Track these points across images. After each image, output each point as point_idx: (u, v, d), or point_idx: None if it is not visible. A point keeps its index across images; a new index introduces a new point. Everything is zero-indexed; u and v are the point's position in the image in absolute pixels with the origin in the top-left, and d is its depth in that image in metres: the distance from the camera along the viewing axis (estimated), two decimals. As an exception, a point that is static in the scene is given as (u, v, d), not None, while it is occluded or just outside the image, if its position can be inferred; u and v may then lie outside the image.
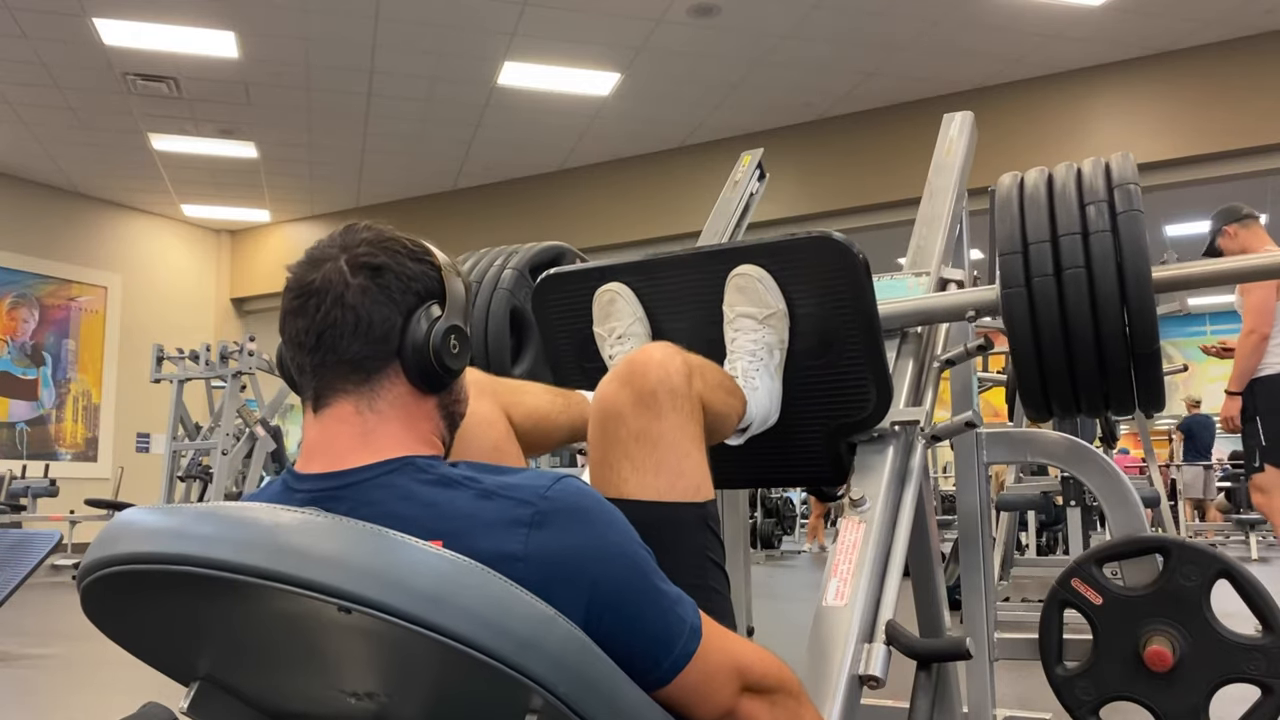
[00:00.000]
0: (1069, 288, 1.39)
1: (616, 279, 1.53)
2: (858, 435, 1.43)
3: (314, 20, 6.29)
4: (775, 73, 7.08)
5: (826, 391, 1.42)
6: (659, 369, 1.12)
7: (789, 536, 10.49)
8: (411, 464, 0.89)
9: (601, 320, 1.53)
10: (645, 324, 1.53)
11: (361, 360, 0.90)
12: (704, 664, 0.90)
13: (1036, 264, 1.42)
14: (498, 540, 0.82)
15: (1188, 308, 5.19)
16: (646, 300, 1.53)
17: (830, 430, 1.44)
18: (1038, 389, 1.50)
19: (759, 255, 1.43)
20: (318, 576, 0.70)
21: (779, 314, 1.42)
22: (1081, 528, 4.60)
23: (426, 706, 0.83)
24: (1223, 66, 6.65)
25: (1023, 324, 1.44)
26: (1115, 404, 1.49)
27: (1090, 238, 1.39)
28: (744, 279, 1.42)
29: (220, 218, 10.58)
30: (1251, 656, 1.58)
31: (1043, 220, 1.43)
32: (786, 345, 1.43)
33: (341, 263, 0.91)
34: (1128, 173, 1.43)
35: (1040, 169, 1.56)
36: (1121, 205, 1.39)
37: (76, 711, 3.06)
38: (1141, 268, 1.36)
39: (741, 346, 1.42)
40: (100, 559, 0.78)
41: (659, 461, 1.09)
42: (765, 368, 1.41)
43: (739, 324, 1.43)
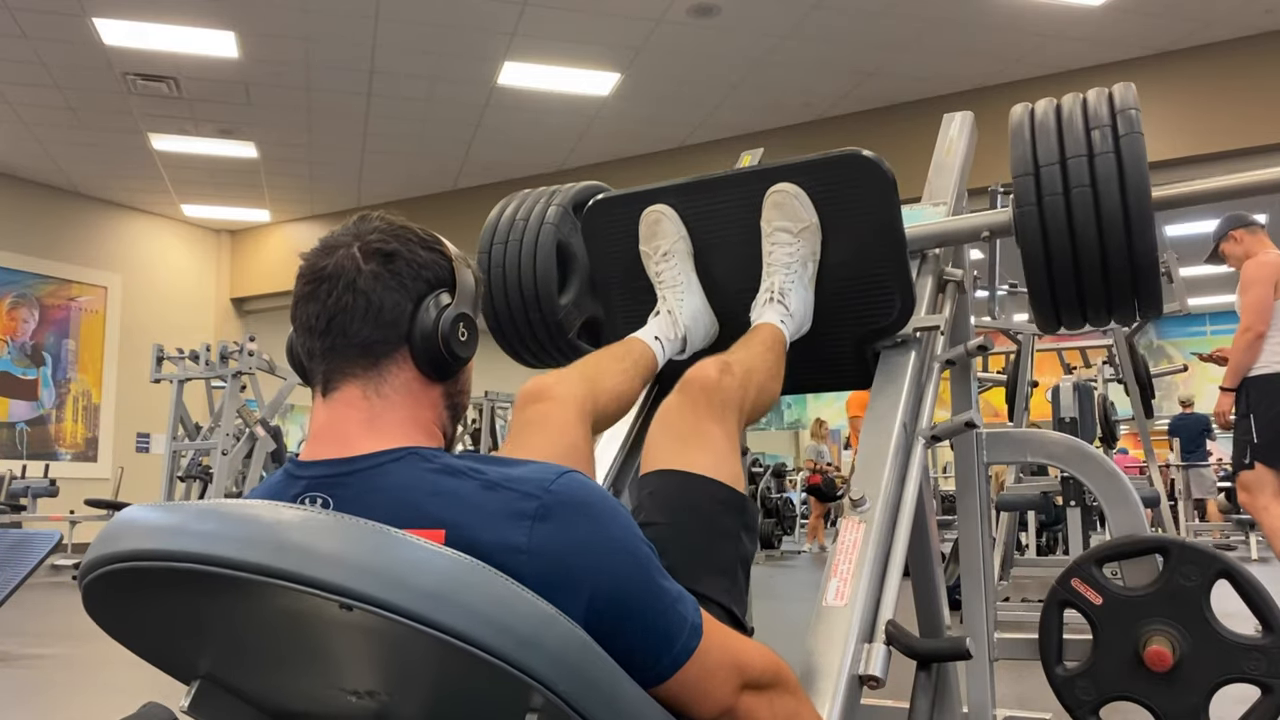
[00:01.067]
0: (1077, 206, 1.49)
1: (662, 200, 1.65)
2: (883, 341, 1.56)
3: (314, 20, 6.29)
4: (775, 73, 7.08)
5: (856, 300, 1.56)
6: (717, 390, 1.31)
7: (789, 536, 10.49)
8: (416, 453, 0.89)
9: (648, 239, 1.66)
10: (688, 242, 1.66)
11: (371, 345, 0.91)
12: (704, 661, 0.90)
13: (1047, 184, 1.51)
14: (501, 532, 0.82)
15: (1188, 308, 5.20)
16: (690, 220, 1.65)
17: (858, 337, 1.58)
18: (1048, 300, 1.59)
19: (795, 173, 1.56)
20: (319, 574, 0.70)
21: (813, 227, 1.55)
22: (1081, 528, 4.60)
23: (427, 705, 0.83)
24: (1223, 66, 6.65)
25: (1035, 239, 1.53)
26: (1118, 311, 1.58)
27: (1095, 159, 1.49)
28: (781, 195, 1.55)
29: (220, 218, 10.58)
30: (1251, 656, 1.58)
31: (1051, 144, 1.53)
32: (819, 257, 1.57)
33: (354, 249, 0.92)
34: (1129, 100, 1.53)
35: (1049, 99, 1.64)
36: (1123, 129, 1.49)
37: (76, 711, 3.06)
38: (1142, 185, 1.46)
39: (778, 259, 1.55)
40: (101, 556, 0.78)
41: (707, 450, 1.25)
42: (800, 279, 1.55)
43: (776, 238, 1.56)
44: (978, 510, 2.02)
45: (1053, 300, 1.59)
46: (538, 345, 1.91)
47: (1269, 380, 3.78)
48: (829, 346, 1.60)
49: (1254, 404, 3.79)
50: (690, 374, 1.33)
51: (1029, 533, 7.34)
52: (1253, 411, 3.79)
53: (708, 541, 1.19)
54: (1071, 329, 1.66)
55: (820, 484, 9.72)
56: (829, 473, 9.95)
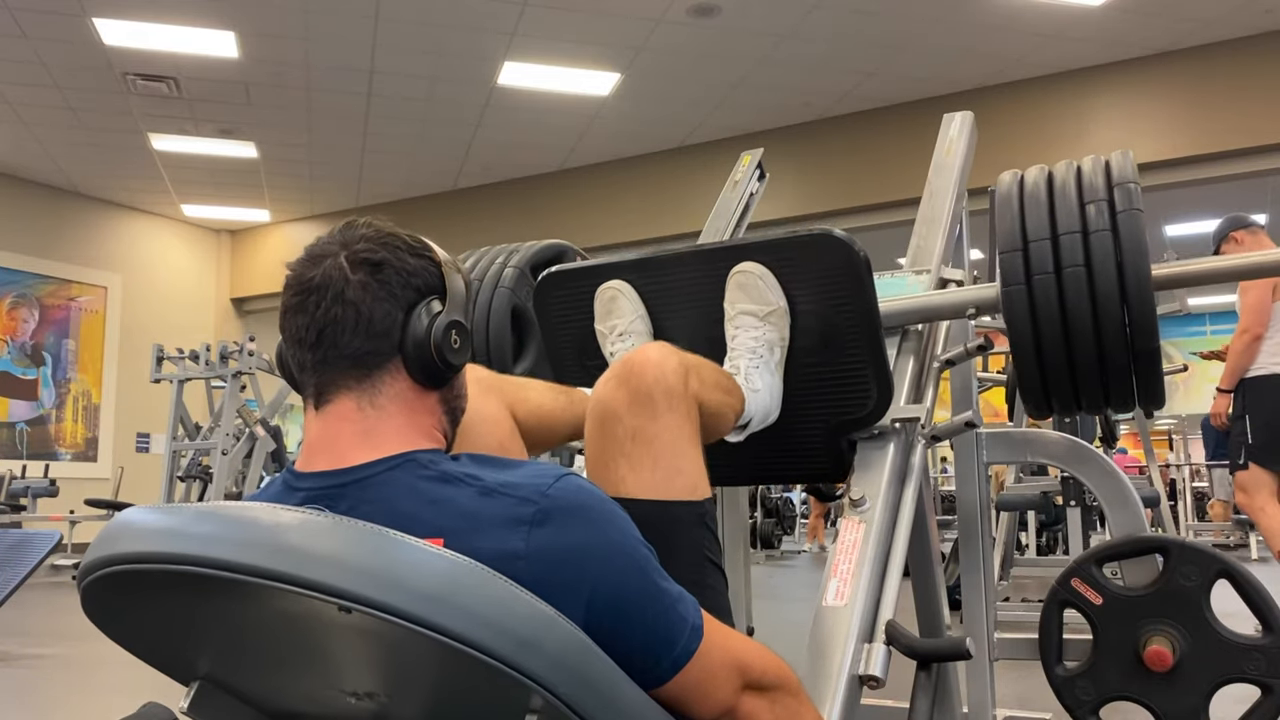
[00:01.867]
0: (1069, 286, 1.40)
1: (618, 276, 1.54)
2: (858, 432, 1.44)
3: (314, 20, 6.29)
4: (775, 73, 7.08)
5: (827, 388, 1.43)
6: (655, 368, 1.13)
7: (789, 536, 10.49)
8: (413, 460, 0.89)
9: (603, 318, 1.54)
10: (647, 321, 1.53)
11: (363, 356, 0.90)
12: (704, 662, 0.90)
13: (1037, 262, 1.42)
14: (499, 538, 0.82)
15: (1188, 308, 5.21)
16: (648, 298, 1.53)
17: (831, 427, 1.45)
18: (1038, 386, 1.50)
19: (760, 252, 1.43)
20: (318, 576, 0.70)
21: (780, 311, 1.43)
22: (1081, 528, 4.60)
23: (426, 706, 0.83)
24: (1223, 66, 6.65)
25: (1023, 321, 1.45)
26: (1115, 401, 1.50)
27: (1090, 236, 1.40)
28: (745, 276, 1.43)
29: (220, 218, 10.58)
30: (1251, 656, 1.58)
31: (1043, 218, 1.44)
32: (788, 342, 1.44)
33: (341, 259, 0.91)
34: (1127, 171, 1.44)
35: (1040, 167, 1.56)
36: (1121, 204, 1.40)
37: (76, 711, 3.06)
38: (1141, 266, 1.37)
39: (742, 344, 1.42)
40: (100, 558, 0.78)
41: (655, 460, 1.10)
42: (766, 365, 1.41)
43: (740, 321, 1.43)
44: (978, 510, 2.02)
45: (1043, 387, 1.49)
46: None
47: (1265, 381, 3.78)
48: (800, 437, 1.47)
49: (1249, 405, 3.80)
50: (627, 357, 1.17)
51: (1029, 533, 7.35)
52: (1248, 412, 3.80)
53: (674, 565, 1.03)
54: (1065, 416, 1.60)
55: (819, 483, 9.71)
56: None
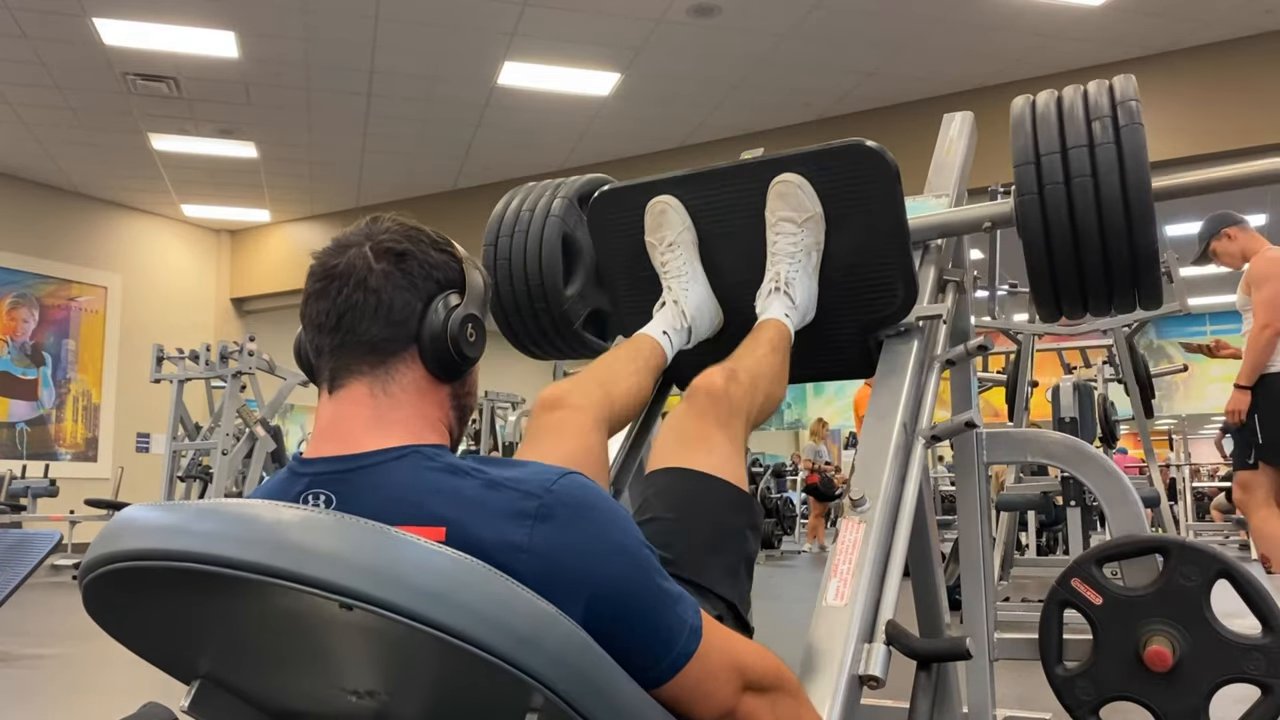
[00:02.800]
0: (1077, 195, 1.49)
1: (667, 191, 1.66)
2: (885, 330, 1.58)
3: (314, 20, 6.29)
4: (775, 73, 7.08)
5: (859, 289, 1.58)
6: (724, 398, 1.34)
7: (789, 536, 10.49)
8: (418, 451, 0.89)
9: (653, 229, 1.67)
10: (693, 232, 1.67)
11: (379, 343, 0.92)
12: (704, 663, 0.90)
13: (1048, 173, 1.51)
14: (501, 530, 0.82)
15: (1188, 308, 5.20)
16: (695, 210, 1.66)
17: (861, 325, 1.60)
18: (1049, 289, 1.60)
19: (799, 163, 1.57)
20: (319, 573, 0.70)
21: (816, 217, 1.56)
22: (1081, 528, 4.60)
23: (427, 704, 0.83)
24: (1223, 66, 6.65)
25: (1036, 228, 1.53)
26: (1119, 302, 1.59)
27: (1096, 149, 1.49)
28: (785, 185, 1.56)
29: (220, 218, 10.58)
30: (1251, 656, 1.58)
31: (1053, 134, 1.53)
32: (823, 246, 1.58)
33: (366, 248, 0.93)
34: (1129, 91, 1.53)
35: (1050, 91, 1.65)
36: (1124, 120, 1.49)
37: (76, 711, 3.06)
38: (1142, 175, 1.46)
39: (782, 249, 1.56)
40: (101, 556, 0.78)
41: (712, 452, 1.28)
42: (804, 269, 1.56)
43: (780, 228, 1.57)
44: (978, 510, 2.02)
45: (1054, 289, 1.60)
46: (543, 337, 1.92)
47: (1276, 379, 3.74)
48: (833, 335, 1.62)
49: (1259, 403, 3.76)
50: (697, 383, 1.35)
51: (1029, 533, 7.34)
52: (1258, 411, 3.76)
53: (714, 538, 1.21)
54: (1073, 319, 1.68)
55: (818, 483, 9.72)
56: (827, 471, 9.95)
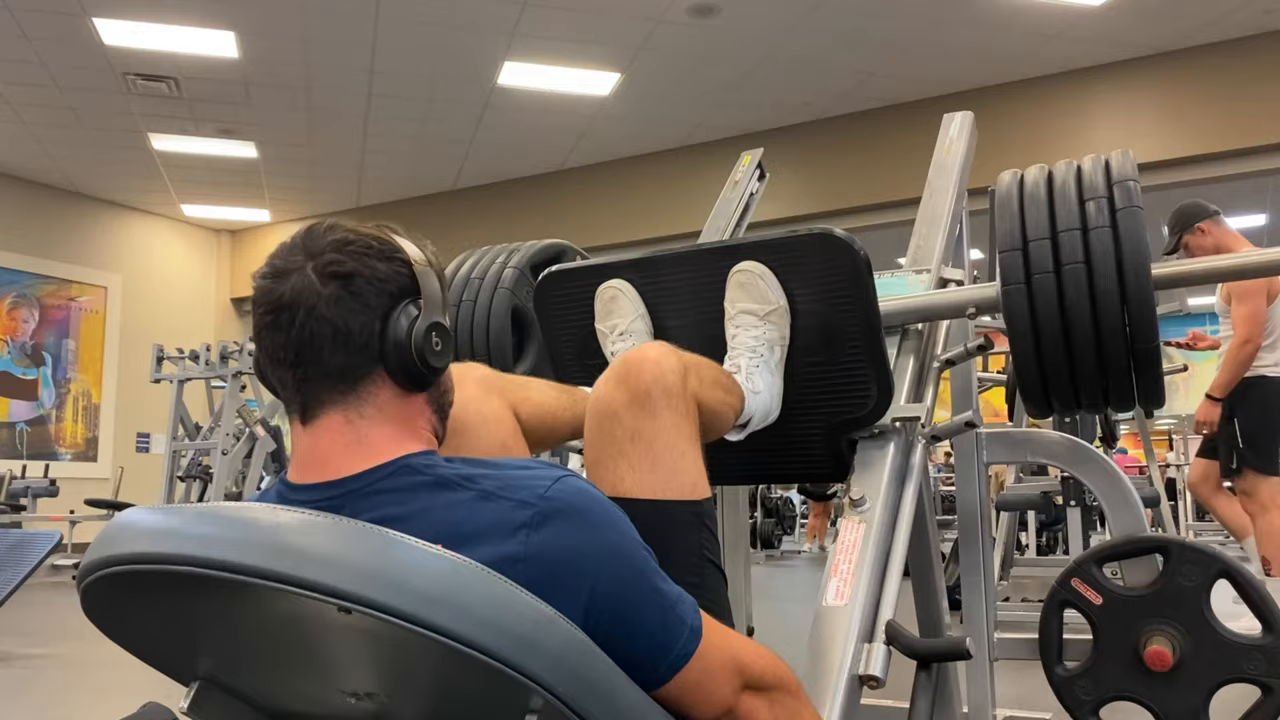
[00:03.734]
0: (1069, 284, 1.39)
1: (618, 276, 1.54)
2: (859, 431, 1.44)
3: (314, 20, 6.29)
4: (775, 73, 7.07)
5: (828, 388, 1.44)
6: (654, 368, 1.12)
7: (789, 536, 10.49)
8: (407, 466, 0.88)
9: (603, 317, 1.54)
10: (647, 320, 1.54)
11: (345, 371, 0.89)
12: (703, 663, 0.90)
13: (1036, 260, 1.41)
14: (498, 543, 0.82)
15: (1188, 308, 5.21)
16: (648, 297, 1.54)
17: (831, 426, 1.45)
18: (1038, 386, 1.50)
19: (760, 252, 1.44)
20: (317, 576, 0.70)
21: (780, 310, 1.43)
22: (1081, 528, 4.60)
23: (426, 707, 0.83)
24: (1223, 66, 6.65)
25: (1023, 321, 1.44)
26: (1115, 400, 1.49)
27: (1090, 234, 1.39)
28: (745, 275, 1.43)
29: (220, 218, 10.58)
30: (1251, 656, 1.58)
31: (1042, 217, 1.43)
32: (788, 341, 1.44)
33: (309, 273, 0.88)
34: (1127, 169, 1.44)
35: (1040, 166, 1.55)
36: (1121, 201, 1.39)
37: (76, 711, 3.06)
38: (1141, 263, 1.36)
39: (742, 343, 1.42)
40: (100, 559, 0.78)
41: (654, 460, 1.10)
42: (766, 364, 1.42)
43: (740, 320, 1.44)
44: (978, 510, 2.02)
45: (1043, 386, 1.49)
46: None
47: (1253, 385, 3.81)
48: (800, 437, 1.47)
49: (1237, 408, 3.82)
50: (625, 356, 1.16)
51: (1029, 533, 7.34)
52: (1236, 416, 3.83)
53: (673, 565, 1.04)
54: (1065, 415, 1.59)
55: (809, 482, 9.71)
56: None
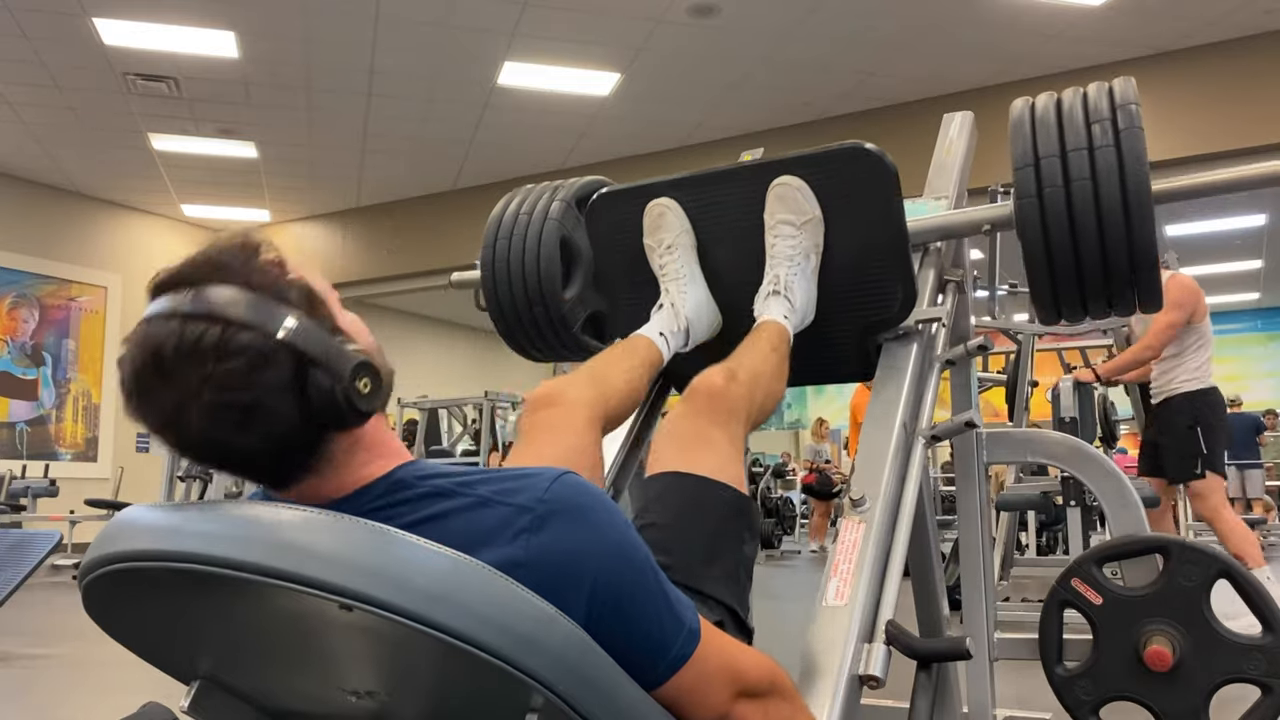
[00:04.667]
0: (1077, 198, 1.49)
1: (665, 194, 1.66)
2: (884, 333, 1.57)
3: (314, 20, 6.29)
4: (775, 73, 7.08)
5: (858, 292, 1.58)
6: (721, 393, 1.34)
7: (789, 536, 10.49)
8: (399, 481, 0.86)
9: (652, 232, 1.66)
10: (692, 235, 1.66)
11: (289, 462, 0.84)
12: (700, 667, 0.89)
13: (1047, 176, 1.51)
14: (498, 549, 0.81)
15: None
16: (693, 213, 1.66)
17: (861, 328, 1.59)
18: (1048, 292, 1.59)
19: (797, 166, 1.57)
20: (319, 574, 0.70)
21: (815, 220, 1.56)
22: (1081, 528, 4.60)
23: (427, 705, 0.83)
24: (1223, 66, 6.65)
25: (1035, 231, 1.53)
26: (1118, 305, 1.58)
27: (1095, 152, 1.49)
28: (784, 188, 1.56)
29: (220, 218, 10.56)
30: (1251, 656, 1.58)
31: (1052, 137, 1.53)
32: (822, 250, 1.58)
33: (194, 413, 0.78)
34: (1129, 94, 1.53)
35: (1049, 93, 1.64)
36: (1124, 123, 1.49)
37: (76, 711, 3.06)
38: (1142, 178, 1.46)
39: (781, 252, 1.56)
40: (101, 557, 0.78)
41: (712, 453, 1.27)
42: (803, 272, 1.56)
43: (779, 230, 1.57)
44: (978, 510, 2.02)
45: (1053, 292, 1.59)
46: (542, 340, 1.92)
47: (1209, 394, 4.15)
48: (832, 338, 1.61)
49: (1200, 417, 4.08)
50: (697, 383, 1.34)
51: (1029, 533, 7.34)
52: (1200, 424, 4.07)
53: (712, 542, 1.19)
54: (1072, 321, 1.65)
55: (814, 482, 9.69)
56: (826, 470, 9.92)
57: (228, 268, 0.83)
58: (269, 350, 0.79)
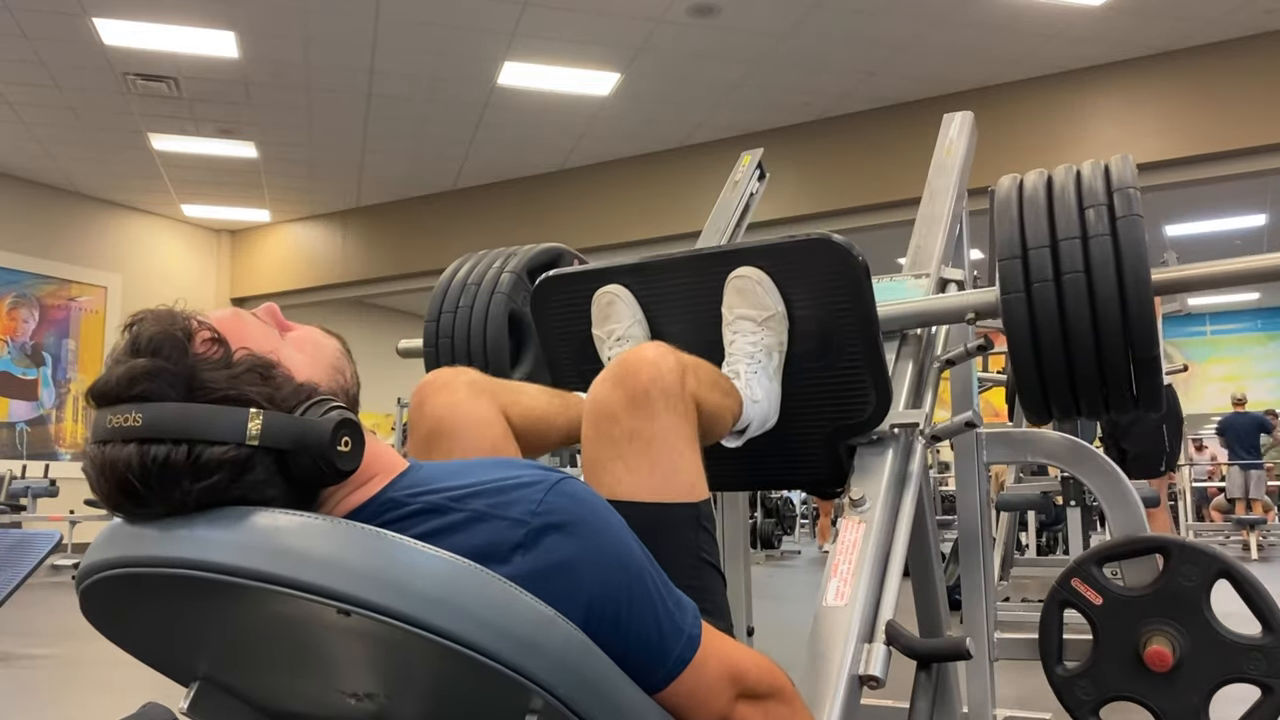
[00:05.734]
0: (1068, 292, 1.39)
1: (615, 281, 1.53)
2: (857, 438, 1.43)
3: (314, 20, 6.29)
4: (775, 73, 7.07)
5: (826, 394, 1.43)
6: (651, 368, 1.11)
7: (789, 536, 10.49)
8: (390, 500, 0.85)
9: (600, 322, 1.53)
10: (644, 326, 1.52)
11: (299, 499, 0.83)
12: (700, 672, 0.89)
13: (1036, 269, 1.41)
14: (494, 565, 0.79)
15: (1188, 308, 5.24)
16: (645, 302, 1.53)
17: (829, 433, 1.44)
18: (1037, 393, 1.49)
19: (758, 257, 1.43)
20: (316, 579, 0.70)
21: (778, 316, 1.42)
22: (1081, 528, 4.60)
23: (426, 707, 0.83)
24: (1223, 66, 6.65)
25: (1022, 329, 1.43)
26: (1114, 405, 1.48)
27: (1089, 242, 1.39)
28: (743, 281, 1.42)
29: (220, 218, 10.57)
30: (1251, 656, 1.58)
31: (1042, 224, 1.43)
32: (785, 347, 1.43)
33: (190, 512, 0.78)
34: (1127, 176, 1.43)
35: (1039, 171, 1.55)
36: (1121, 209, 1.39)
37: (76, 711, 3.06)
38: (1141, 272, 1.36)
39: (740, 349, 1.41)
40: (98, 562, 0.78)
41: (652, 461, 1.08)
42: (764, 370, 1.41)
43: (738, 326, 1.43)
44: (978, 510, 2.02)
45: (1042, 393, 1.49)
46: None
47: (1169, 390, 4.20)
48: (798, 442, 1.46)
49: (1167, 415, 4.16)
50: (623, 356, 1.14)
51: (1029, 533, 7.34)
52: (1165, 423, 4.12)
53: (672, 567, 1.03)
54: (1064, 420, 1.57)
55: None
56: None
57: (165, 373, 0.79)
58: (243, 458, 0.78)
